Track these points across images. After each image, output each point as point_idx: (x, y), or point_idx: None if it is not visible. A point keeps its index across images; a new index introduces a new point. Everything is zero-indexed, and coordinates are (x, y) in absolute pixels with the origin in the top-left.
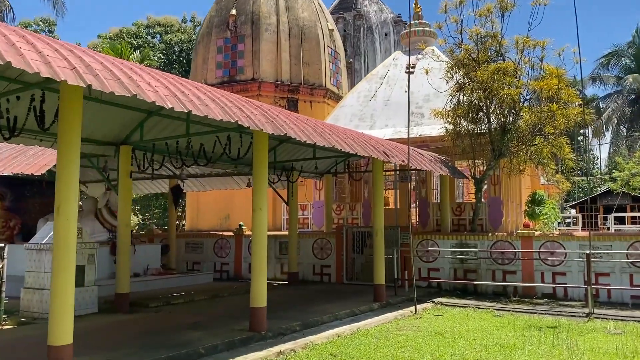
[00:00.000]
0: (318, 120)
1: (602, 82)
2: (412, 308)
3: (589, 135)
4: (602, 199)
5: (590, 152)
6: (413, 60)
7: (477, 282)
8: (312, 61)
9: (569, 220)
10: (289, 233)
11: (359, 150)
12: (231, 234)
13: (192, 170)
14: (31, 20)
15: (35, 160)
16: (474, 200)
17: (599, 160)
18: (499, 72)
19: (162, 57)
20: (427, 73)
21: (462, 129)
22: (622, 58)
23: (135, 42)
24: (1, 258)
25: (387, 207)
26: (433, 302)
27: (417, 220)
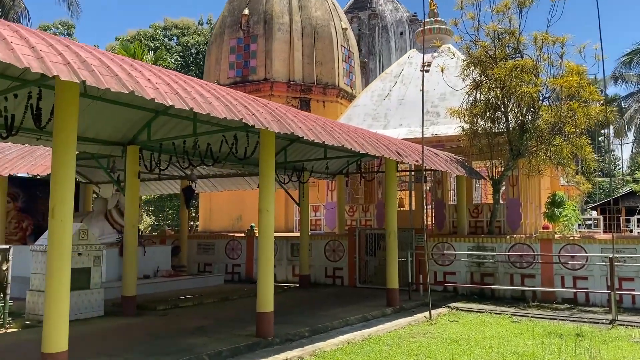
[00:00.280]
0: (328, 119)
1: (624, 81)
2: (427, 313)
3: (610, 135)
4: (624, 201)
5: (612, 153)
6: (428, 59)
7: (495, 286)
8: (325, 60)
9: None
10: (300, 235)
11: (370, 150)
12: (243, 235)
13: (203, 171)
14: (50, 23)
15: (41, 161)
16: (492, 202)
17: (620, 161)
18: (517, 70)
19: (179, 59)
20: (442, 71)
21: (479, 128)
22: None
23: (152, 44)
24: (6, 260)
25: (401, 209)
26: (448, 307)
27: (432, 222)
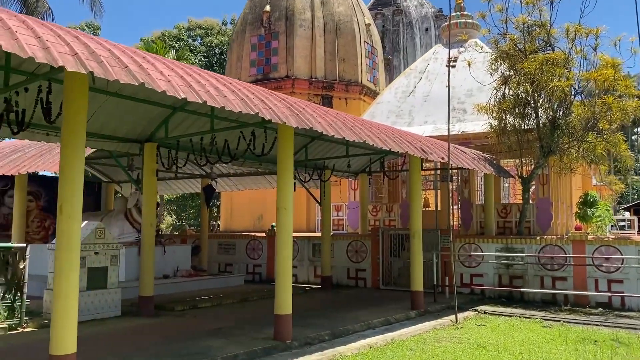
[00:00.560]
0: (350, 114)
1: None
2: (453, 317)
3: None
4: None
5: None
6: (454, 54)
7: (524, 289)
8: (347, 57)
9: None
10: (321, 235)
11: (393, 146)
12: (263, 235)
13: (223, 170)
14: (77, 25)
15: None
16: (521, 201)
17: None
18: (547, 63)
19: (202, 59)
20: (469, 65)
21: (508, 125)
22: None
23: (176, 45)
24: (23, 258)
25: (427, 209)
26: (475, 310)
27: (459, 222)
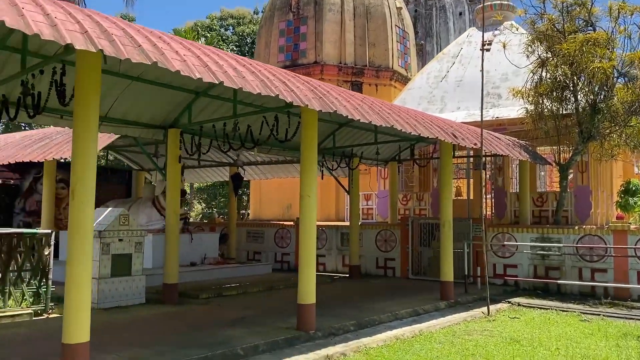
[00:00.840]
0: (378, 99)
1: None
2: (484, 309)
3: None
4: None
5: None
6: (489, 37)
7: (561, 281)
8: (378, 42)
9: None
10: (350, 223)
11: (423, 131)
12: (292, 223)
13: (251, 158)
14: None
15: None
16: (558, 190)
17: None
18: (588, 44)
19: (234, 49)
20: (504, 46)
21: (545, 110)
22: None
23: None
24: (48, 245)
25: (459, 198)
26: (509, 302)
27: (492, 211)
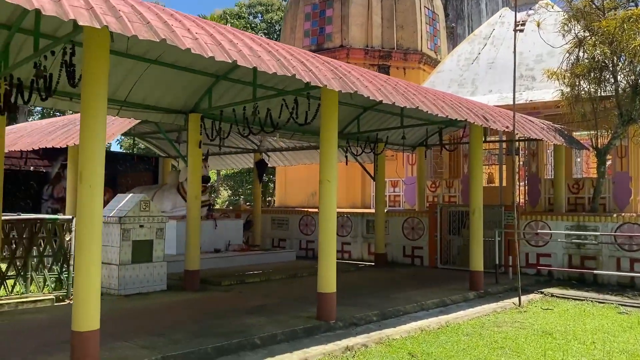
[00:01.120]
0: (403, 80)
1: None
2: (515, 299)
3: None
4: None
5: None
6: (523, 17)
7: (598, 271)
8: (406, 24)
9: None
10: (375, 211)
11: (451, 113)
12: (316, 210)
13: (275, 144)
14: None
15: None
16: (595, 176)
17: None
18: (630, 21)
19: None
20: (538, 26)
21: (582, 92)
22: None
23: (237, 22)
24: (69, 230)
25: (490, 185)
26: (542, 293)
27: (525, 199)
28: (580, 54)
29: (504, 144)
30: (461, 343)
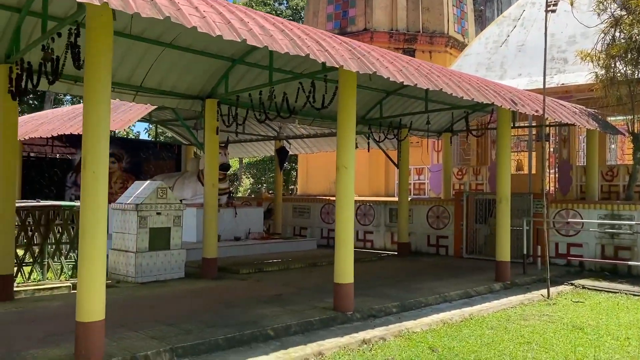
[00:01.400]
0: (426, 62)
1: None
2: (544, 291)
3: None
4: None
5: None
6: None
7: (633, 262)
8: (432, 6)
9: None
10: (398, 199)
11: (477, 96)
12: None
13: (295, 131)
14: None
15: (121, 116)
16: (631, 163)
17: None
18: None
19: None
20: (571, 4)
21: (618, 74)
22: None
23: (263, 9)
24: None
25: (520, 172)
26: (572, 284)
27: (555, 186)
28: (617, 33)
29: (533, 130)
30: (485, 337)
